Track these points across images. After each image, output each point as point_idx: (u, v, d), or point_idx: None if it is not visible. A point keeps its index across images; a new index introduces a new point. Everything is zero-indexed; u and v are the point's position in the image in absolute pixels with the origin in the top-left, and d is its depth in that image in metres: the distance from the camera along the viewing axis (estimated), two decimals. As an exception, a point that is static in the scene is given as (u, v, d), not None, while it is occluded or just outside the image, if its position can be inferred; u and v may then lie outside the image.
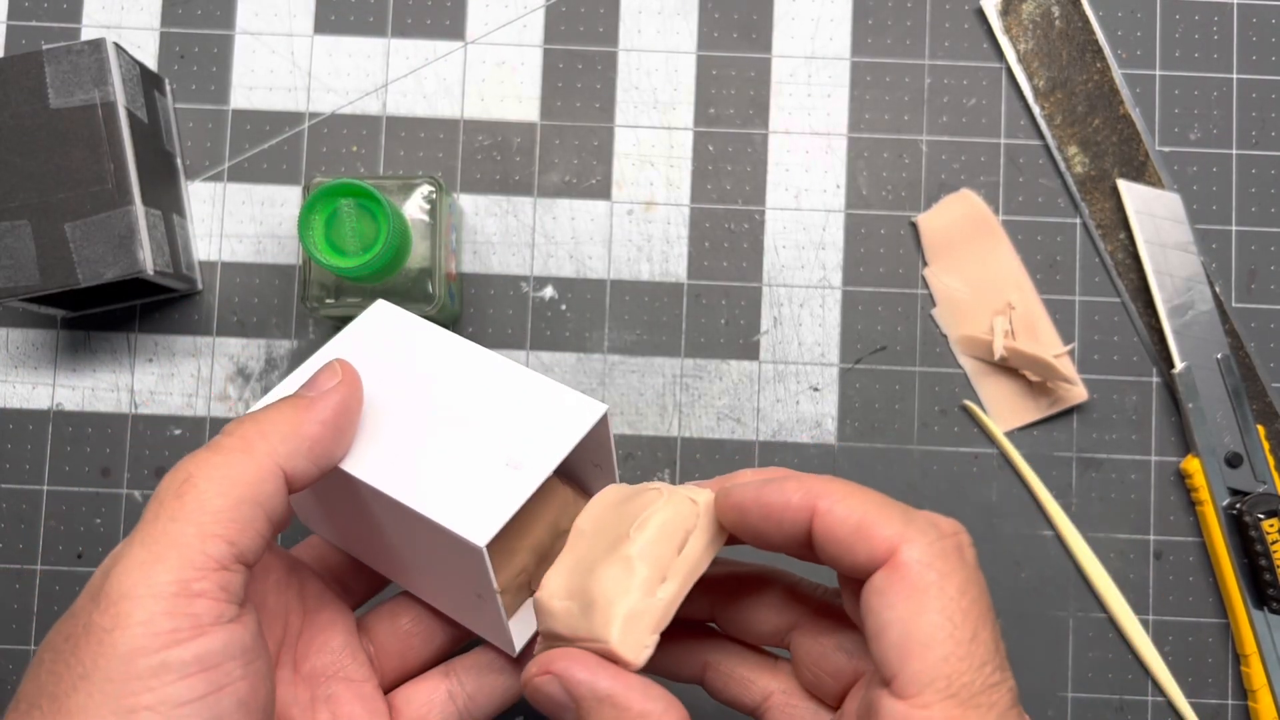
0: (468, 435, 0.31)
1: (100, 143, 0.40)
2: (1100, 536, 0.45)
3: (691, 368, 0.46)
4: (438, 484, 0.30)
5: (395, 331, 0.34)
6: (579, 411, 0.31)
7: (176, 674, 0.24)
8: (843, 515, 0.26)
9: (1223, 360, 0.45)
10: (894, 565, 0.25)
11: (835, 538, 0.26)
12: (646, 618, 0.27)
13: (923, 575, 0.25)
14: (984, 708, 0.24)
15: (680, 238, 0.47)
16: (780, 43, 0.47)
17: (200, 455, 0.27)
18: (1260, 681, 0.44)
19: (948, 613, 0.24)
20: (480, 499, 0.29)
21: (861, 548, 0.25)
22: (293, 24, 0.47)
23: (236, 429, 0.28)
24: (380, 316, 0.35)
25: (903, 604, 0.25)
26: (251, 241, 0.46)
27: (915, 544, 0.25)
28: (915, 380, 0.46)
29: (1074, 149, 0.47)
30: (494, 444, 0.31)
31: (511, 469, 0.30)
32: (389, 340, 0.34)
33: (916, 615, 0.24)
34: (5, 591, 0.45)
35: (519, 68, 0.47)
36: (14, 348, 0.46)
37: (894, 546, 0.25)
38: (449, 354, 0.33)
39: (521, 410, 0.32)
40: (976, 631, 0.25)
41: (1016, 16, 0.47)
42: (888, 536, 0.25)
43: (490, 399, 0.32)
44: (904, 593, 0.25)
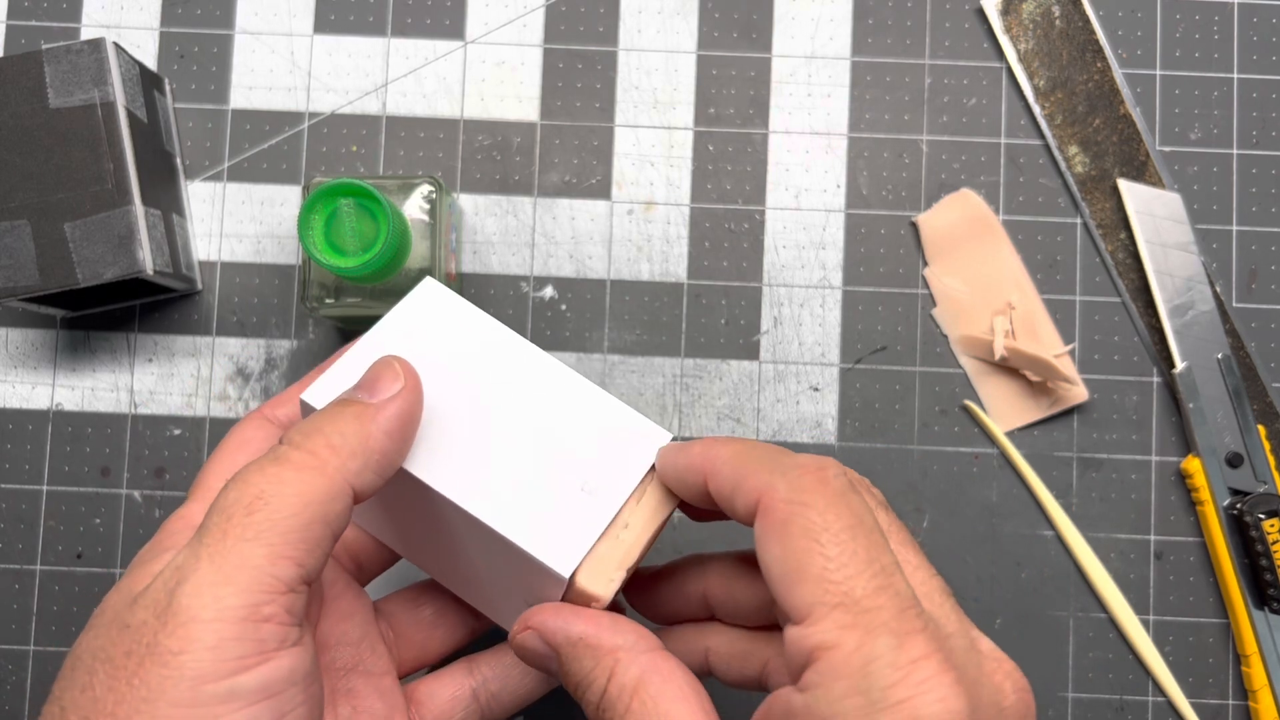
0: (538, 450, 0.30)
1: (100, 142, 0.40)
2: (1101, 536, 0.45)
3: (691, 368, 0.46)
4: (515, 502, 0.29)
5: (446, 316, 0.32)
6: (646, 438, 0.31)
7: (243, 701, 0.24)
8: (726, 474, 0.27)
9: (1223, 360, 0.45)
10: (763, 510, 0.26)
11: (722, 496, 0.27)
12: (611, 557, 0.29)
13: (786, 510, 0.25)
14: (874, 610, 0.24)
15: (680, 238, 0.47)
16: (780, 42, 0.47)
17: (271, 470, 0.26)
18: (1261, 681, 0.44)
19: (813, 534, 0.25)
20: (560, 524, 0.29)
21: (740, 502, 0.26)
22: (292, 24, 0.47)
23: (305, 441, 0.26)
24: (428, 297, 0.32)
25: (775, 541, 0.25)
26: (251, 241, 0.46)
27: (777, 486, 0.26)
28: (915, 380, 0.46)
29: (1074, 149, 0.47)
30: (566, 464, 0.30)
31: (587, 494, 0.29)
32: (440, 326, 0.32)
33: (787, 545, 0.25)
34: (5, 591, 0.45)
35: (519, 67, 0.47)
36: (13, 348, 0.46)
37: (761, 493, 0.26)
38: (505, 350, 0.31)
39: (590, 429, 0.31)
40: (848, 544, 0.24)
41: (1017, 16, 0.47)
42: (756, 486, 0.26)
43: (556, 412, 0.31)
44: (774, 531, 0.25)
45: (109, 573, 0.45)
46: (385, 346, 0.31)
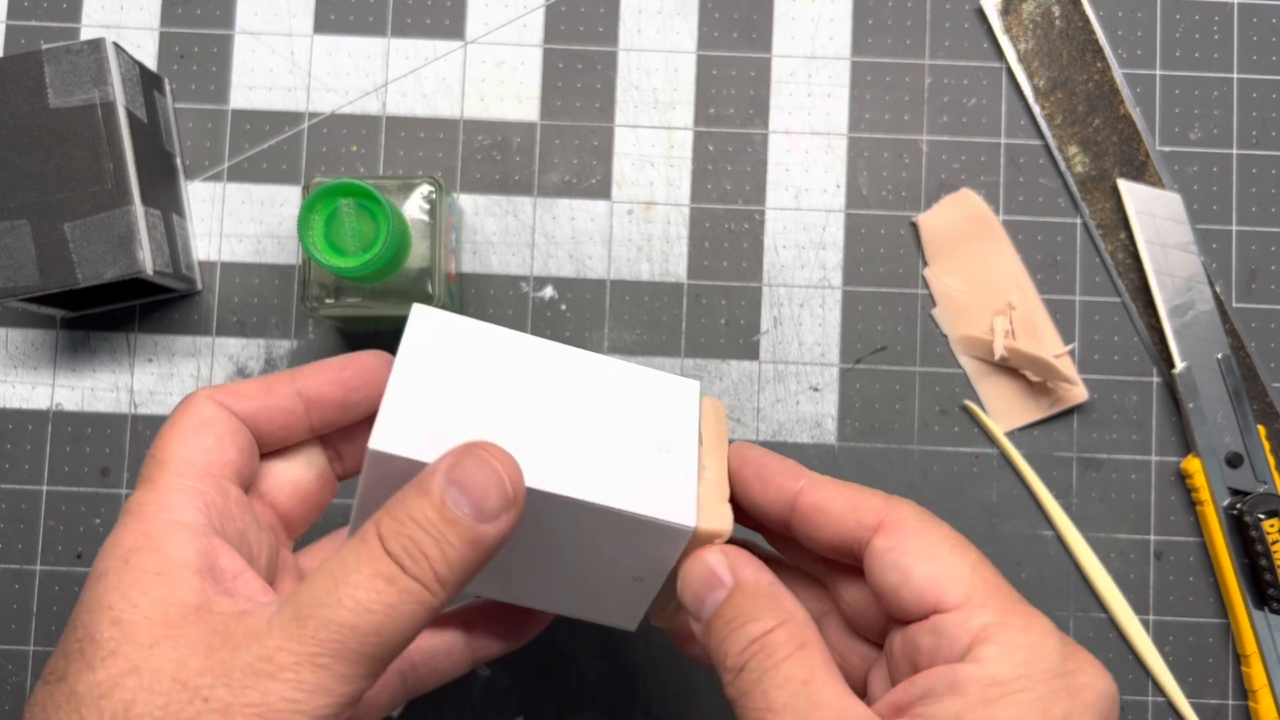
0: (602, 428, 0.30)
1: (100, 142, 0.40)
2: (1100, 536, 0.45)
3: (691, 368, 0.46)
4: (611, 478, 0.29)
5: (451, 335, 0.31)
6: (679, 389, 0.32)
7: None
8: (831, 494, 0.30)
9: (1223, 360, 0.45)
10: (890, 525, 0.28)
11: (825, 510, 0.29)
12: (711, 496, 0.30)
13: (919, 523, 0.28)
14: (1015, 598, 0.27)
15: (680, 238, 0.47)
16: (780, 42, 0.47)
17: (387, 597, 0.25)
18: (1261, 682, 0.44)
19: (952, 540, 0.28)
20: (659, 484, 0.29)
21: (851, 519, 0.29)
22: (292, 24, 0.47)
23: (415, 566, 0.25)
24: (426, 322, 0.31)
25: (914, 545, 0.28)
26: (251, 241, 0.46)
27: (902, 508, 0.29)
28: (915, 380, 0.46)
29: (1074, 149, 0.47)
30: (632, 432, 0.30)
31: (665, 452, 0.30)
32: (451, 346, 0.31)
33: (931, 548, 0.28)
34: (5, 591, 0.45)
35: (519, 67, 0.47)
36: (13, 348, 0.46)
37: (882, 515, 0.29)
38: (519, 349, 0.31)
39: (632, 396, 0.31)
40: (981, 555, 0.28)
41: (1017, 16, 0.47)
42: (876, 507, 0.29)
43: (595, 390, 0.31)
44: (912, 537, 0.28)
45: (109, 573, 0.45)
46: (419, 382, 0.29)
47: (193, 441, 0.29)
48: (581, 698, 0.45)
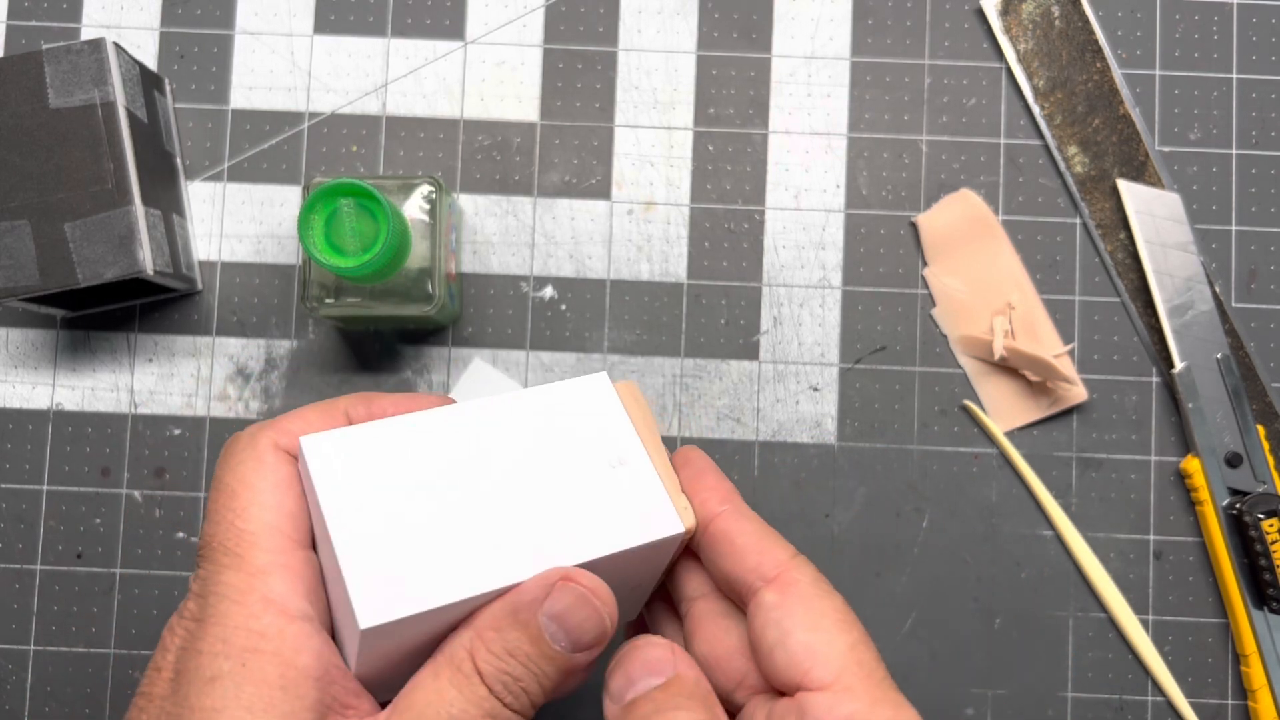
0: (551, 472, 0.29)
1: (100, 142, 0.40)
2: (1100, 536, 0.45)
3: (691, 368, 0.46)
4: (592, 520, 0.28)
5: (359, 456, 0.28)
6: (590, 391, 0.31)
7: None
8: (743, 530, 0.29)
9: (1222, 360, 0.45)
10: (786, 583, 0.28)
11: (732, 543, 0.29)
12: (673, 491, 0.30)
13: (812, 589, 0.28)
14: (893, 689, 0.27)
15: (680, 238, 0.47)
16: (780, 43, 0.47)
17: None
18: (1260, 681, 0.44)
19: (840, 614, 0.28)
20: (635, 503, 0.29)
21: (751, 560, 0.29)
22: (292, 24, 0.47)
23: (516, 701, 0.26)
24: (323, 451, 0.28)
25: (802, 611, 0.28)
26: (251, 241, 0.46)
27: (803, 569, 0.29)
28: (915, 380, 0.46)
29: (1074, 149, 0.47)
30: (581, 461, 0.29)
31: (621, 466, 0.29)
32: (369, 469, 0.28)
33: (817, 618, 0.27)
34: (5, 591, 0.45)
35: (519, 68, 0.47)
36: (14, 348, 0.46)
37: (784, 568, 0.29)
38: (429, 433, 0.29)
39: (557, 422, 0.30)
40: (864, 634, 0.28)
41: (1016, 16, 0.47)
42: (778, 561, 0.29)
43: (520, 437, 0.29)
44: (800, 602, 0.28)
45: (109, 572, 0.45)
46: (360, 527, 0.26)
47: (273, 505, 0.27)
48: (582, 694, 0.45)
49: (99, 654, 0.45)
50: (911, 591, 0.45)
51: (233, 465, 0.28)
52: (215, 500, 0.28)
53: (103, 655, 0.45)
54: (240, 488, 0.27)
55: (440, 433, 0.29)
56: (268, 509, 0.27)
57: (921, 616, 0.45)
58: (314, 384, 0.46)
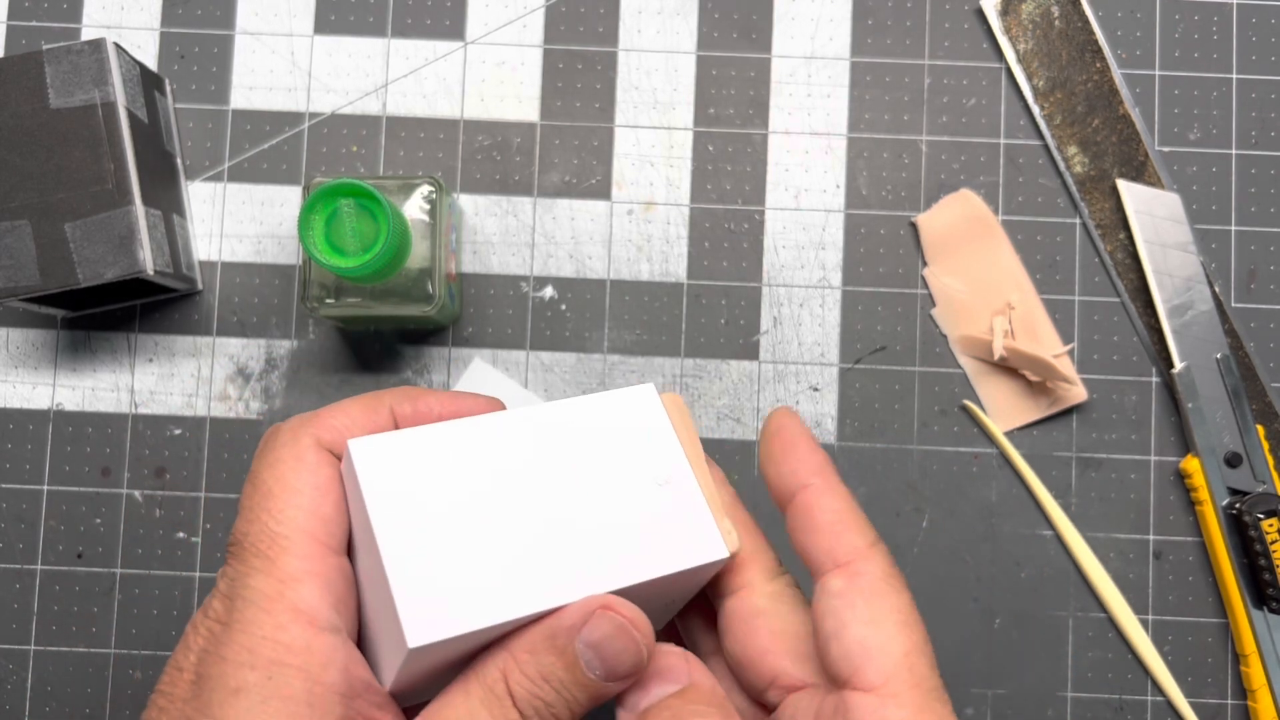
0: (599, 487, 0.28)
1: (100, 143, 0.40)
2: (1100, 536, 0.46)
3: (691, 368, 0.46)
4: (640, 545, 0.28)
5: (407, 460, 0.28)
6: (638, 402, 0.30)
7: None
8: (828, 507, 0.28)
9: (1222, 360, 0.45)
10: (854, 572, 0.27)
11: (813, 518, 0.28)
12: (718, 513, 0.29)
13: (881, 584, 0.27)
14: (942, 702, 0.26)
15: (680, 238, 0.47)
16: (780, 43, 0.47)
17: None
18: (1260, 681, 0.44)
19: (905, 617, 0.27)
20: (680, 525, 0.28)
21: (826, 541, 0.28)
22: (293, 24, 0.47)
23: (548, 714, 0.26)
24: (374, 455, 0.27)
25: (864, 604, 0.26)
26: (251, 241, 0.46)
27: (875, 561, 0.27)
28: (915, 380, 0.46)
29: (1073, 149, 0.47)
30: (628, 478, 0.29)
31: (665, 485, 0.29)
32: (415, 477, 0.27)
33: (879, 614, 0.26)
34: (6, 591, 0.45)
35: (519, 68, 0.47)
36: (14, 348, 0.46)
37: (857, 555, 0.27)
38: (477, 440, 0.28)
39: (606, 434, 0.29)
40: (919, 629, 0.27)
41: (1016, 16, 0.47)
42: (854, 547, 0.27)
43: (567, 451, 0.29)
44: (865, 595, 0.27)
45: (109, 572, 0.45)
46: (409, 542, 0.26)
47: (310, 508, 0.26)
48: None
49: (99, 654, 0.45)
50: (911, 591, 0.45)
51: (270, 461, 0.27)
52: (250, 497, 0.27)
53: (103, 655, 0.45)
54: (278, 487, 0.26)
55: (487, 442, 0.28)
56: (304, 512, 0.26)
57: (921, 616, 0.45)
58: (314, 384, 0.46)
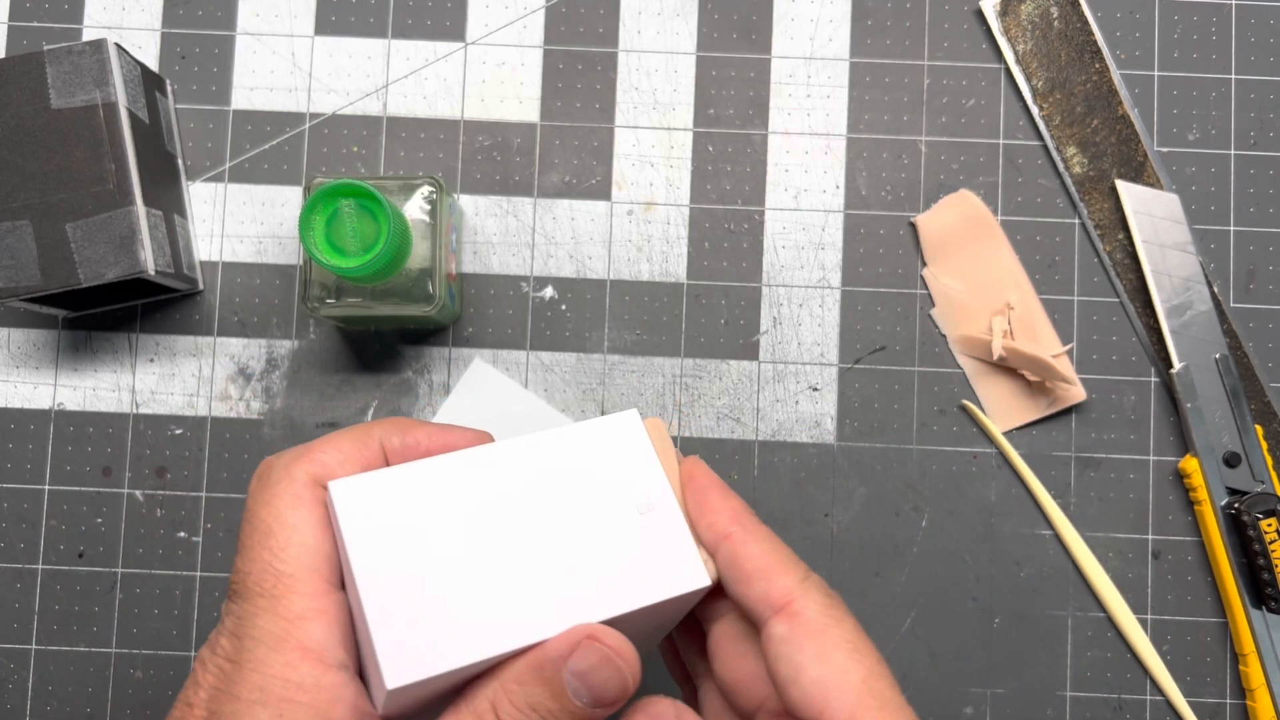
0: (580, 525, 0.28)
1: (101, 143, 0.40)
2: (1099, 536, 0.46)
3: (691, 368, 0.46)
4: (624, 575, 0.28)
5: (386, 501, 0.28)
6: (623, 429, 0.30)
7: None
8: (754, 553, 0.28)
9: (1221, 360, 0.45)
10: (792, 614, 0.27)
11: (742, 568, 0.28)
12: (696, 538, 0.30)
13: (821, 619, 0.27)
14: (908, 716, 0.26)
15: (680, 238, 0.47)
16: (780, 43, 0.48)
17: None
18: (1258, 680, 0.44)
19: (853, 644, 0.27)
20: (663, 554, 0.29)
21: (760, 588, 0.28)
22: (293, 25, 0.47)
23: None
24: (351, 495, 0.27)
25: (811, 643, 0.27)
26: (252, 242, 0.46)
27: (811, 597, 0.28)
28: (914, 380, 0.46)
29: (1073, 149, 0.47)
30: (611, 507, 0.29)
31: (648, 512, 0.29)
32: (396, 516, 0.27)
33: (827, 650, 0.27)
34: (7, 590, 0.45)
35: (519, 68, 0.47)
36: (15, 348, 0.46)
37: (790, 597, 0.28)
38: (457, 477, 0.28)
39: (589, 462, 0.29)
40: (872, 654, 0.27)
41: (1015, 17, 0.47)
42: (786, 588, 0.28)
43: (549, 482, 0.29)
44: (810, 633, 0.27)
45: (110, 572, 0.45)
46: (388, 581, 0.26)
47: (312, 546, 0.27)
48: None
49: (100, 653, 0.45)
50: (911, 591, 0.45)
51: (267, 499, 0.27)
52: (250, 536, 0.27)
53: (104, 654, 0.45)
54: (276, 524, 0.27)
55: (470, 477, 0.28)
56: (305, 549, 0.27)
57: (920, 616, 0.45)
58: (315, 384, 0.46)
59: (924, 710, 0.45)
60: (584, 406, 0.46)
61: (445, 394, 0.46)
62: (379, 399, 0.46)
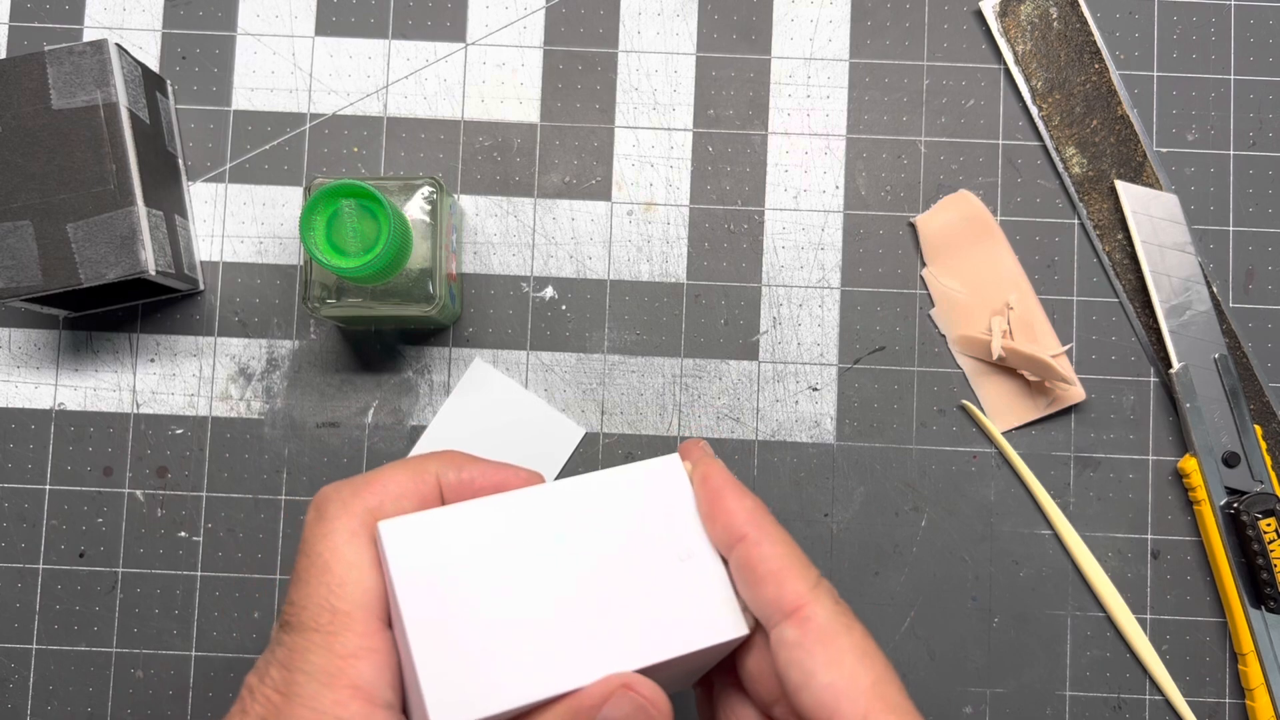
0: (622, 572, 0.29)
1: (102, 143, 0.40)
2: (1098, 536, 0.46)
3: (691, 368, 0.46)
4: (663, 624, 0.28)
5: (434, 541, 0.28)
6: (665, 473, 0.31)
7: None
8: (767, 555, 0.29)
9: (1220, 360, 0.45)
10: (803, 619, 0.28)
11: (755, 570, 0.29)
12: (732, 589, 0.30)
13: (831, 625, 0.28)
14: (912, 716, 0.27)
15: (680, 238, 0.47)
16: (779, 44, 0.48)
17: None
18: (1257, 680, 0.44)
19: (862, 650, 0.27)
20: (702, 602, 0.29)
21: (771, 591, 0.28)
22: (294, 25, 0.47)
23: None
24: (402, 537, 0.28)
25: (821, 649, 0.27)
26: (253, 242, 0.47)
27: (821, 603, 0.28)
28: (914, 380, 0.46)
29: (1072, 150, 0.47)
30: (648, 557, 0.29)
31: (688, 559, 0.29)
32: (443, 557, 0.28)
33: (837, 655, 0.27)
34: (8, 590, 0.45)
35: (519, 69, 0.47)
36: (16, 348, 0.46)
37: (801, 603, 0.28)
38: (503, 518, 0.29)
39: (628, 510, 0.30)
40: (886, 665, 0.28)
41: (1015, 18, 0.47)
42: (798, 593, 0.28)
43: (592, 526, 0.29)
44: (820, 639, 0.27)
45: (111, 571, 0.45)
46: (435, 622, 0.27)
47: (368, 583, 0.27)
48: None
49: (101, 653, 0.45)
50: (910, 590, 0.45)
51: (324, 533, 0.28)
52: (307, 570, 0.27)
53: (104, 654, 0.45)
54: (334, 561, 0.27)
55: (515, 521, 0.29)
56: (360, 588, 0.27)
57: (920, 615, 0.45)
58: (315, 384, 0.46)
59: (923, 710, 0.45)
60: (584, 406, 0.46)
61: (446, 394, 0.46)
62: (379, 399, 0.46)
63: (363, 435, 0.46)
